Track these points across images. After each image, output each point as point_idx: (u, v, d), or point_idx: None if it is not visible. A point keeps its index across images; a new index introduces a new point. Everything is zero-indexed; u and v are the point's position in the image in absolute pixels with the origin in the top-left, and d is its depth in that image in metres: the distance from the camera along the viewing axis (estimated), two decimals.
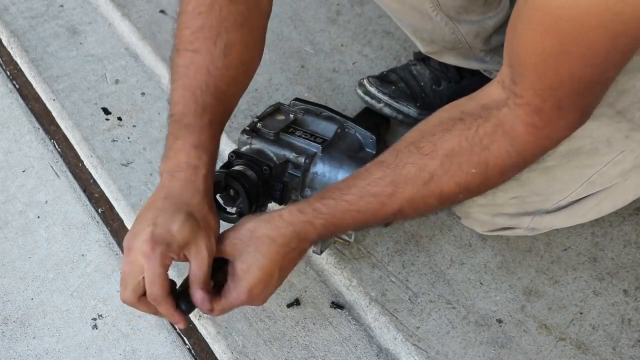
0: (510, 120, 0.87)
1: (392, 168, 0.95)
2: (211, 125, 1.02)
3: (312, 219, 0.98)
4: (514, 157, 0.89)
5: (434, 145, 0.93)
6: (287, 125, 1.27)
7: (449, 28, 1.32)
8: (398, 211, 0.96)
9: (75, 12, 1.78)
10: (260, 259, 0.98)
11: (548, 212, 1.19)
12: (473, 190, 0.94)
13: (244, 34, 1.07)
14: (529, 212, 1.19)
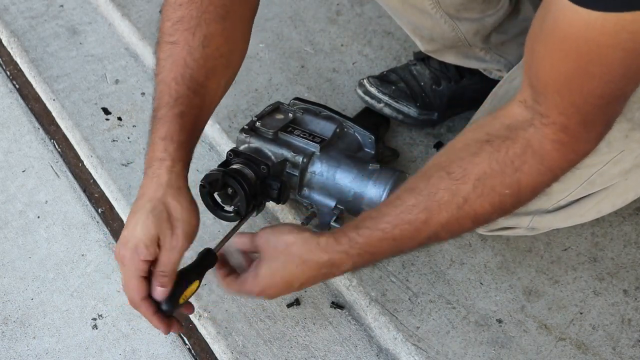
0: (538, 140, 0.89)
1: (424, 195, 0.95)
2: (182, 116, 1.01)
3: (348, 249, 0.99)
4: (544, 174, 0.91)
5: (464, 170, 0.93)
6: (285, 125, 1.27)
7: (449, 25, 1.32)
8: (433, 235, 0.97)
9: (75, 12, 1.78)
10: (286, 273, 1.01)
11: (548, 212, 1.19)
12: (507, 209, 0.95)
13: (225, 26, 1.06)
14: (529, 212, 1.19)
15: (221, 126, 1.50)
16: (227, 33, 1.07)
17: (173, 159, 0.99)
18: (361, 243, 0.99)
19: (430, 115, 1.47)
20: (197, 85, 1.04)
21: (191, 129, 1.03)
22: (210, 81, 1.06)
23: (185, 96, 1.02)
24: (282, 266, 1.02)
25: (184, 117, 1.01)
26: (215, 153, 1.50)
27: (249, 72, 1.61)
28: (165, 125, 1.00)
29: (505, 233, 1.27)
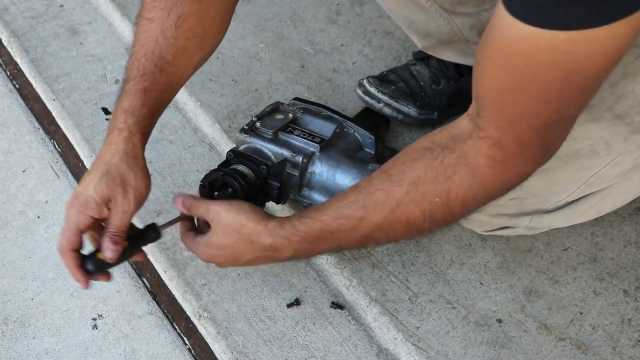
0: (473, 153, 0.89)
1: (364, 193, 0.99)
2: (145, 92, 1.06)
3: (290, 236, 1.03)
4: (474, 188, 0.91)
5: (402, 173, 0.96)
6: (285, 125, 1.27)
7: (444, 19, 1.32)
8: (369, 234, 1.00)
9: (75, 12, 1.78)
10: (235, 250, 1.07)
11: (547, 212, 1.19)
12: (438, 220, 0.96)
13: (201, 7, 1.09)
14: (528, 212, 1.20)
15: (221, 126, 1.50)
16: (202, 14, 1.10)
17: (131, 131, 1.05)
18: (302, 232, 1.03)
19: (430, 114, 1.47)
20: (164, 63, 1.08)
21: (153, 105, 1.08)
22: (179, 60, 1.09)
23: (151, 73, 1.08)
24: (233, 243, 1.06)
25: (147, 93, 1.07)
26: (215, 153, 1.50)
27: (249, 72, 1.61)
28: (129, 99, 1.06)
29: (504, 233, 1.28)
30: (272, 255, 1.06)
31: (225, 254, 1.09)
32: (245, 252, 1.07)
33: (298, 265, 1.33)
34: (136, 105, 1.06)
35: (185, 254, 1.33)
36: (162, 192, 1.42)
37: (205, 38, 1.12)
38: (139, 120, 1.06)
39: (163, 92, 1.09)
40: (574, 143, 1.11)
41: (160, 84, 1.08)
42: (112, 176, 1.02)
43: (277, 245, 1.04)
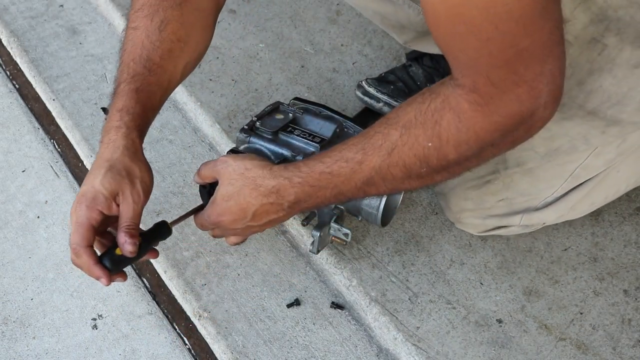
0: (455, 98, 0.90)
1: (364, 136, 1.00)
2: (138, 92, 1.08)
3: (292, 176, 1.05)
4: (464, 132, 0.91)
5: (397, 116, 0.96)
6: (285, 125, 1.27)
7: (413, 9, 1.33)
8: (369, 179, 1.00)
9: (75, 12, 1.78)
10: (240, 196, 1.07)
11: (537, 210, 1.21)
12: (434, 166, 0.95)
13: (183, 12, 1.13)
14: (518, 212, 1.22)
15: (221, 126, 1.50)
16: (183, 19, 1.13)
17: (129, 127, 1.06)
18: (304, 172, 1.04)
19: None
20: (152, 64, 1.11)
21: (146, 103, 1.09)
22: (166, 62, 1.12)
23: (141, 74, 1.10)
24: (238, 190, 1.07)
25: (140, 93, 1.09)
26: (215, 153, 1.50)
27: (249, 72, 1.61)
28: (122, 99, 1.08)
29: (500, 232, 1.30)
30: (275, 201, 1.06)
31: (230, 206, 1.08)
32: (251, 200, 1.07)
33: (298, 265, 1.33)
34: (130, 104, 1.07)
35: (185, 254, 1.33)
36: (162, 192, 1.42)
37: (189, 42, 1.15)
38: (134, 117, 1.07)
39: (154, 93, 1.11)
40: (552, 141, 1.13)
41: (151, 84, 1.10)
42: (118, 170, 1.03)
43: (279, 187, 1.05)
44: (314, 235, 1.22)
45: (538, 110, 0.89)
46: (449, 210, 1.31)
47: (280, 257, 1.34)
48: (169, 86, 1.14)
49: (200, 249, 1.34)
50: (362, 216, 1.25)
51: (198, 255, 1.33)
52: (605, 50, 1.06)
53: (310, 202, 1.07)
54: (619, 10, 1.05)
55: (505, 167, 1.19)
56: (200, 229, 1.18)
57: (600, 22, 1.06)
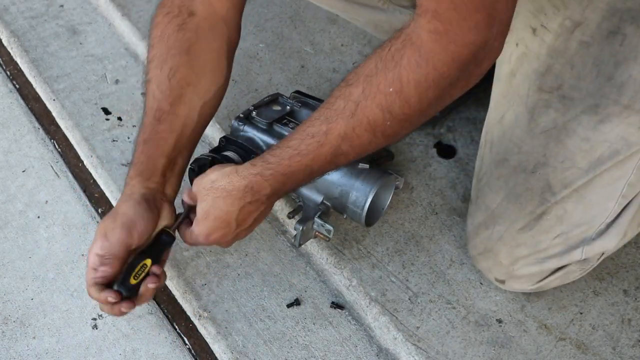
0: (416, 32, 0.90)
1: (326, 107, 0.99)
2: (145, 142, 1.14)
3: (262, 170, 1.05)
4: (423, 67, 0.90)
5: (356, 74, 0.96)
6: (281, 117, 1.27)
7: (405, 15, 1.33)
8: (337, 149, 1.00)
9: (75, 12, 1.78)
10: (216, 210, 1.09)
11: (593, 240, 1.16)
12: (397, 115, 0.94)
13: (190, 57, 1.16)
14: (577, 245, 1.16)
15: (221, 126, 1.50)
16: (193, 63, 1.17)
17: (130, 177, 1.13)
18: (273, 162, 1.04)
19: None
20: (162, 113, 1.15)
21: (152, 152, 1.14)
22: (177, 108, 1.15)
23: (150, 124, 1.15)
24: (211, 204, 1.09)
25: (146, 143, 1.14)
26: None
27: (249, 72, 1.61)
28: (133, 154, 1.15)
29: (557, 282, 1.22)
30: (253, 199, 1.07)
31: (213, 222, 1.10)
32: (228, 209, 1.08)
33: (298, 265, 1.33)
34: (136, 155, 1.14)
35: (185, 254, 1.33)
36: None
37: (200, 85, 1.17)
38: (136, 167, 1.13)
39: (165, 139, 1.15)
40: (592, 152, 1.10)
41: (160, 132, 1.14)
42: (109, 213, 1.12)
43: (252, 184, 1.06)
44: (296, 229, 1.23)
45: (489, 42, 0.89)
46: (498, 266, 1.21)
47: (280, 257, 1.34)
48: (185, 128, 1.17)
49: (200, 249, 1.34)
50: (348, 214, 1.25)
51: (198, 255, 1.33)
52: (626, 40, 1.06)
53: (286, 188, 1.08)
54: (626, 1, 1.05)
55: (553, 192, 1.13)
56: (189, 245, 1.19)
57: (612, 16, 1.06)
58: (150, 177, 1.13)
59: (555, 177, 1.13)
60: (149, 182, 1.12)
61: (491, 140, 1.22)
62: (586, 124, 1.10)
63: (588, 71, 1.09)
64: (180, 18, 1.17)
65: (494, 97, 1.24)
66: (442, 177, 1.43)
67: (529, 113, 1.14)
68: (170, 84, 1.15)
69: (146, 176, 1.12)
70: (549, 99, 1.12)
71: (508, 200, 1.17)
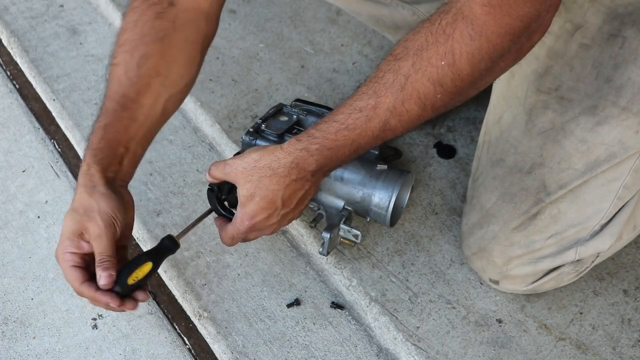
0: (468, 5, 0.89)
1: (373, 81, 0.98)
2: (105, 128, 1.09)
3: (308, 145, 1.03)
4: (476, 40, 0.90)
5: (405, 48, 0.95)
6: (291, 126, 1.27)
7: (407, 10, 1.33)
8: (385, 124, 0.99)
9: (75, 12, 1.78)
10: (262, 189, 1.06)
11: (587, 241, 1.16)
12: (449, 87, 0.94)
13: (163, 46, 1.13)
14: (570, 246, 1.16)
15: (221, 126, 1.50)
16: (165, 53, 1.13)
17: (88, 164, 1.07)
18: (319, 137, 1.02)
19: None
20: (127, 100, 1.11)
21: (112, 138, 1.09)
22: (143, 97, 1.12)
23: (112, 110, 1.11)
24: (257, 184, 1.06)
25: (107, 128, 1.09)
26: (215, 153, 1.50)
27: (249, 72, 1.61)
28: (90, 137, 1.10)
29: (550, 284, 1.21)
30: (301, 177, 1.05)
31: (258, 203, 1.07)
32: (274, 187, 1.06)
33: (298, 265, 1.33)
34: (94, 140, 1.09)
35: (185, 254, 1.33)
36: (162, 192, 1.42)
37: (170, 76, 1.15)
38: (95, 153, 1.08)
39: (127, 127, 1.11)
40: (589, 154, 1.10)
41: (123, 119, 1.11)
42: (76, 209, 1.05)
43: (298, 160, 1.04)
44: (324, 237, 1.22)
45: (541, 14, 0.89)
46: (492, 266, 1.21)
47: (280, 257, 1.34)
48: (148, 119, 1.13)
49: (200, 249, 1.34)
50: (371, 217, 1.25)
51: (198, 255, 1.33)
52: (626, 43, 1.06)
53: (332, 164, 1.06)
54: (628, 6, 1.05)
55: (547, 193, 1.14)
56: (229, 244, 1.16)
57: (613, 20, 1.07)
58: (109, 166, 1.09)
59: (551, 178, 1.13)
60: (107, 171, 1.08)
61: (489, 140, 1.22)
62: (584, 125, 1.10)
63: (587, 73, 1.09)
64: (159, 6, 1.14)
65: (492, 97, 1.24)
66: (442, 177, 1.43)
67: (526, 114, 1.15)
68: (139, 71, 1.11)
69: (105, 165, 1.08)
70: (547, 100, 1.12)
71: (503, 200, 1.17)
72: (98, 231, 1.03)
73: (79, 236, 1.04)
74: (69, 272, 1.04)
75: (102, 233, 1.03)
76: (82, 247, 1.04)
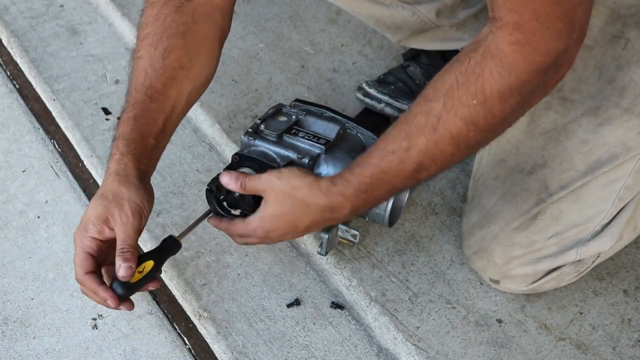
0: (496, 44, 0.90)
1: (405, 123, 0.99)
2: (136, 118, 1.10)
3: (343, 190, 1.03)
4: (506, 77, 0.91)
5: (435, 89, 0.96)
6: (290, 127, 1.27)
7: (407, 10, 1.33)
8: (418, 165, 0.99)
9: (75, 12, 1.78)
10: (292, 217, 1.06)
11: (588, 241, 1.16)
12: (481, 125, 0.95)
13: (185, 40, 1.15)
14: (572, 246, 1.16)
15: (221, 126, 1.50)
16: (188, 46, 1.15)
17: (121, 153, 1.08)
18: (355, 182, 1.02)
19: None
20: (154, 91, 1.12)
21: (144, 130, 1.11)
22: (169, 89, 1.13)
23: (141, 101, 1.12)
24: (289, 209, 1.07)
25: (138, 119, 1.11)
26: (215, 153, 1.50)
27: (249, 72, 1.61)
28: (121, 127, 1.11)
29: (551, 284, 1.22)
30: (330, 216, 1.06)
31: (281, 224, 1.08)
32: (302, 217, 1.06)
33: (298, 265, 1.33)
34: (126, 130, 1.10)
35: (185, 254, 1.33)
36: (162, 192, 1.42)
37: (193, 69, 1.16)
38: (129, 143, 1.09)
39: (155, 119, 1.12)
40: (591, 155, 1.10)
41: (152, 110, 1.12)
42: (105, 195, 1.05)
43: (333, 204, 1.04)
44: (322, 237, 1.22)
45: (569, 48, 0.90)
46: (492, 266, 1.22)
47: (280, 257, 1.34)
48: (173, 112, 1.15)
49: (200, 249, 1.34)
50: (369, 217, 1.25)
51: (198, 255, 1.33)
52: (629, 44, 1.07)
53: (366, 207, 1.07)
54: (631, 7, 1.06)
55: (549, 193, 1.14)
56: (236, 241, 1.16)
57: (616, 21, 1.07)
58: (141, 157, 1.10)
59: (552, 178, 1.13)
60: (139, 162, 1.09)
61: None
62: (586, 126, 1.10)
63: (589, 74, 1.09)
64: (177, 0, 1.15)
65: None
66: (442, 177, 1.43)
67: (529, 114, 1.15)
68: (165, 63, 1.13)
69: (137, 156, 1.09)
70: (549, 101, 1.12)
71: (504, 200, 1.17)
72: (125, 219, 1.04)
73: (104, 221, 1.04)
74: (80, 257, 1.04)
75: (128, 221, 1.04)
76: (104, 233, 1.04)
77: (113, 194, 1.05)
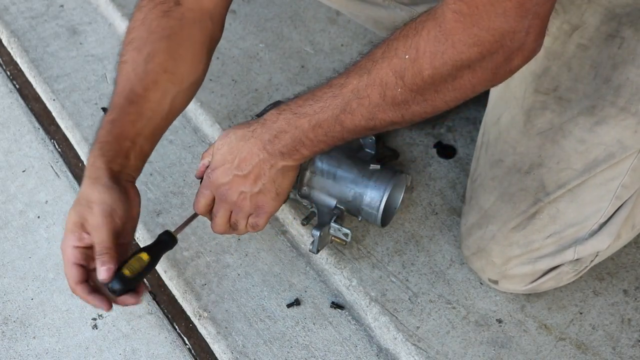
0: (441, 10, 0.90)
1: (354, 64, 1.01)
2: (112, 122, 1.11)
3: (279, 108, 1.08)
4: (442, 42, 0.90)
5: (385, 39, 0.98)
6: None
7: (406, 12, 1.33)
8: (346, 105, 1.00)
9: (75, 12, 1.78)
10: (232, 141, 1.12)
11: (586, 240, 1.17)
12: (408, 82, 0.94)
13: (170, 44, 1.15)
14: (569, 244, 1.16)
15: (221, 126, 1.50)
16: (172, 50, 1.15)
17: (95, 157, 1.08)
18: (290, 103, 1.07)
19: None
20: (134, 95, 1.13)
21: (119, 133, 1.11)
22: (150, 92, 1.13)
23: (120, 106, 1.12)
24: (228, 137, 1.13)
25: (114, 123, 1.11)
26: None
27: (249, 72, 1.61)
28: (98, 132, 1.11)
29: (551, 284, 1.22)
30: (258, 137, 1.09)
31: (224, 153, 1.12)
32: (235, 141, 1.11)
33: (298, 265, 1.33)
34: (102, 134, 1.10)
35: (185, 254, 1.33)
36: (162, 192, 1.42)
37: (177, 73, 1.16)
38: (102, 146, 1.09)
39: (133, 122, 1.12)
40: (588, 154, 1.10)
41: (129, 114, 1.12)
42: (79, 201, 1.06)
43: (266, 117, 1.09)
44: (314, 235, 1.22)
45: (519, 34, 0.87)
46: (491, 266, 1.22)
47: (280, 257, 1.34)
48: (155, 115, 1.14)
49: (200, 249, 1.34)
50: (362, 216, 1.25)
51: (198, 255, 1.33)
52: (624, 43, 1.06)
53: (288, 135, 1.07)
54: (626, 6, 1.06)
55: (546, 193, 1.14)
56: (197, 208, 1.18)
57: (611, 20, 1.07)
58: (115, 158, 1.09)
59: (549, 178, 1.13)
60: (112, 163, 1.09)
61: (487, 141, 1.22)
62: (582, 126, 1.10)
63: (585, 73, 1.09)
64: (166, 5, 1.15)
65: (491, 98, 1.24)
66: (442, 177, 1.43)
67: (525, 114, 1.15)
68: (147, 67, 1.13)
69: (110, 157, 1.09)
70: (546, 101, 1.12)
71: (501, 200, 1.17)
72: (96, 221, 1.03)
73: (81, 227, 1.04)
74: (68, 269, 1.05)
75: (100, 223, 1.03)
76: (84, 239, 1.04)
77: (85, 198, 1.05)
